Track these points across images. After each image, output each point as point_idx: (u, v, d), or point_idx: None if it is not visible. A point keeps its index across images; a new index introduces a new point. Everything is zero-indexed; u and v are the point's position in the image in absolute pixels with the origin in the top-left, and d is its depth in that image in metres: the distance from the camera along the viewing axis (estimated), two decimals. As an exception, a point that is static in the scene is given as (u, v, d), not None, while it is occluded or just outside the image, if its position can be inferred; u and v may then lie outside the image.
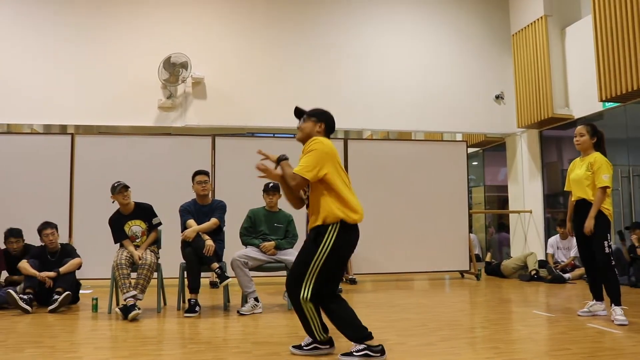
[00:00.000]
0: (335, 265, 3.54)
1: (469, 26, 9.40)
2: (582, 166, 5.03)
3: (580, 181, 4.98)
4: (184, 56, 8.09)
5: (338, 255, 3.51)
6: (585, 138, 5.05)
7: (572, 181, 5.10)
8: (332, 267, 3.51)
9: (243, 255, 5.50)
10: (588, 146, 5.05)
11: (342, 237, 3.50)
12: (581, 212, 4.96)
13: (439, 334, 4.35)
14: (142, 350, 3.83)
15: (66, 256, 5.86)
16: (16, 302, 5.38)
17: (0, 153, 7.50)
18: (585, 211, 4.88)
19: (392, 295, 6.69)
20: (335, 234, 3.47)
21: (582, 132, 5.08)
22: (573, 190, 5.10)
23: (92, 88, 8.15)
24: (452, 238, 8.40)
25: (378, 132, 12.14)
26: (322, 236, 3.48)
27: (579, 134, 5.09)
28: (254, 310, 5.33)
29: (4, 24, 8.05)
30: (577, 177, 5.03)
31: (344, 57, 8.90)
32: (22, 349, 3.91)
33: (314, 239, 3.51)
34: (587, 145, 5.05)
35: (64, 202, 7.49)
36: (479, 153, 11.78)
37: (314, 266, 3.47)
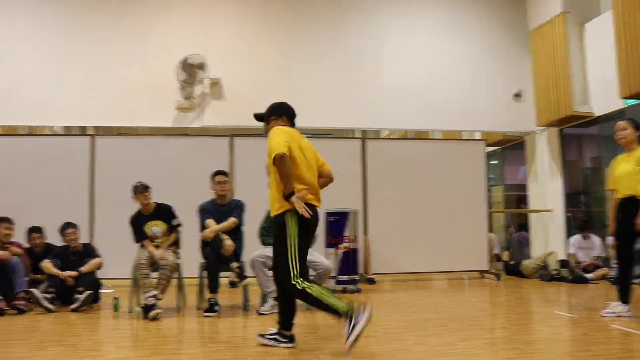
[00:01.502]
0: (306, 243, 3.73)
1: (487, 24, 9.33)
2: (629, 161, 4.83)
3: (629, 177, 4.77)
4: (201, 57, 8.14)
5: (306, 233, 3.70)
6: (628, 131, 4.84)
7: (618, 178, 4.89)
8: (304, 245, 3.69)
9: (262, 255, 5.51)
10: (632, 140, 4.85)
11: (302, 219, 3.63)
12: (628, 209, 4.74)
13: (458, 334, 4.32)
14: (162, 349, 3.85)
15: (87, 256, 5.92)
16: (39, 301, 5.45)
17: (22, 154, 7.60)
18: (634, 208, 4.65)
19: (411, 295, 6.66)
20: (295, 219, 3.62)
21: (624, 127, 4.87)
22: (619, 187, 4.90)
23: (111, 89, 8.22)
24: (471, 238, 8.33)
25: (395, 132, 12.09)
26: (285, 224, 3.64)
27: (621, 128, 4.89)
28: (273, 310, 5.33)
29: (26, 29, 8.15)
30: (624, 173, 4.82)
31: (360, 56, 8.88)
32: (45, 347, 3.96)
33: (279, 229, 3.67)
34: (631, 139, 4.85)
35: (84, 202, 7.57)
36: (498, 152, 11.68)
37: (291, 250, 3.61)
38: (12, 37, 8.11)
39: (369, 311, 3.54)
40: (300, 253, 3.63)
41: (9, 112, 7.98)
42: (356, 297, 6.49)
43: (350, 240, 6.97)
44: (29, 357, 3.68)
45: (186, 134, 8.71)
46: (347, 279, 6.88)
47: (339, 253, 6.92)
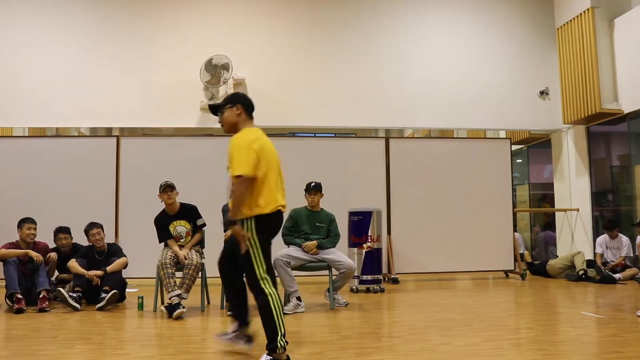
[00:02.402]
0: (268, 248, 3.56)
1: (512, 21, 9.22)
2: None
3: None
4: (225, 58, 8.18)
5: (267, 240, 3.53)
6: None
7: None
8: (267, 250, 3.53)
9: (285, 255, 5.52)
10: None
11: (261, 226, 3.47)
12: None
13: (483, 334, 4.27)
14: (186, 348, 3.88)
15: (113, 255, 5.99)
16: (66, 300, 5.53)
17: (49, 156, 7.72)
18: None
19: (435, 295, 6.61)
20: (254, 226, 3.44)
21: None
22: None
23: (136, 91, 8.31)
24: (496, 237, 8.25)
25: (419, 131, 12.03)
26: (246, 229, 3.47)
27: None
28: (296, 310, 5.35)
29: (53, 33, 8.28)
30: None
31: (384, 55, 8.84)
32: (72, 345, 4.01)
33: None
34: None
35: (110, 203, 7.66)
36: (523, 150, 11.54)
37: (255, 255, 3.45)
38: (40, 41, 8.24)
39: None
40: (265, 256, 3.49)
41: (38, 114, 8.11)
42: (379, 296, 6.46)
43: (373, 239, 6.94)
44: (58, 355, 3.73)
45: (210, 135, 8.77)
46: (370, 279, 6.86)
47: (362, 253, 6.90)
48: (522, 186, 11.95)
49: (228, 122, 3.63)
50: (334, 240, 5.83)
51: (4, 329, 4.77)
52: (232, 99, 3.66)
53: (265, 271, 3.45)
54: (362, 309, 5.56)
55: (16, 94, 8.06)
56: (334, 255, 5.68)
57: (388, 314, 5.42)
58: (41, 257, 5.85)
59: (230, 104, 3.62)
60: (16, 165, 7.64)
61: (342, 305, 5.72)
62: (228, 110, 3.62)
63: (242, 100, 3.66)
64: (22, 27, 8.22)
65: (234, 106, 3.61)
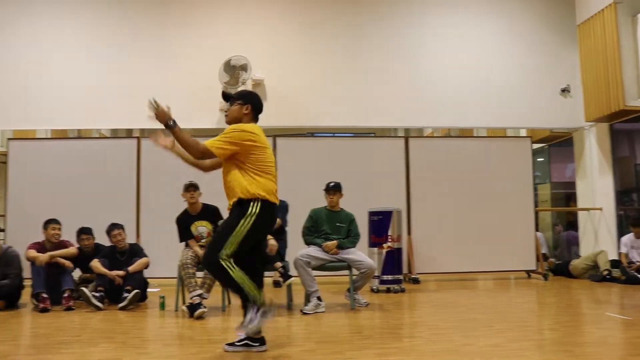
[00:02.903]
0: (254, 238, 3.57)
1: (532, 18, 9.11)
2: None
3: None
4: (244, 58, 8.20)
5: (259, 229, 3.56)
6: None
7: None
8: (252, 239, 3.54)
9: (305, 255, 5.52)
10: None
11: (263, 213, 3.53)
12: None
13: (506, 335, 4.23)
14: (208, 348, 3.89)
15: (134, 255, 6.05)
16: (89, 300, 5.60)
17: (71, 157, 7.82)
18: None
19: (457, 295, 6.56)
20: (258, 209, 3.51)
21: None
22: None
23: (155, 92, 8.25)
24: (518, 236, 8.17)
25: (439, 130, 11.95)
26: (246, 209, 3.51)
27: None
28: (317, 310, 5.34)
29: (74, 36, 8.36)
30: None
31: (403, 53, 8.79)
32: (96, 344, 4.06)
33: (238, 213, 3.53)
34: None
35: (131, 203, 7.73)
36: (545, 149, 11.41)
37: (237, 234, 3.47)
38: (62, 45, 8.33)
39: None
40: (243, 244, 3.49)
41: (59, 116, 8.19)
42: (400, 296, 6.43)
43: (393, 239, 6.91)
44: (82, 353, 3.77)
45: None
46: (391, 279, 6.83)
47: (383, 252, 6.88)
48: (543, 185, 11.82)
49: (233, 117, 3.73)
50: (354, 240, 5.82)
51: (30, 327, 4.84)
52: (245, 97, 3.75)
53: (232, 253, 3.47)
54: (382, 309, 5.54)
55: (39, 97, 8.15)
56: (354, 255, 5.67)
57: (409, 314, 5.39)
58: (71, 265, 6.00)
59: (242, 102, 3.71)
60: (40, 166, 7.75)
61: (363, 305, 5.70)
62: (237, 106, 3.71)
63: (253, 102, 3.74)
64: (45, 33, 8.31)
65: (244, 104, 3.70)
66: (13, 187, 7.71)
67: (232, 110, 3.74)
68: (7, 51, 8.22)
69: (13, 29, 8.26)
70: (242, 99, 3.72)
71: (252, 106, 3.70)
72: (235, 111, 3.72)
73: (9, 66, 8.18)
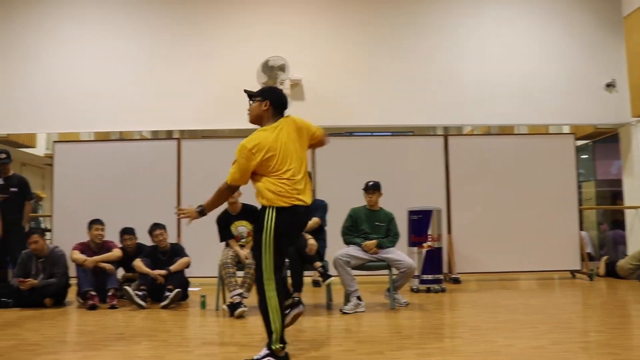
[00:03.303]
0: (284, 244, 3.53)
1: (574, 10, 8.87)
2: None
3: None
4: (282, 59, 8.24)
5: (283, 234, 3.48)
6: None
7: None
8: (282, 246, 3.51)
9: (345, 254, 5.52)
10: None
11: (280, 217, 3.46)
12: None
13: (549, 336, 4.14)
14: (248, 347, 3.93)
15: (176, 255, 6.14)
16: (132, 298, 5.72)
17: (114, 158, 7.99)
18: None
19: (498, 295, 6.45)
20: (274, 216, 3.46)
21: None
22: None
23: (195, 94, 8.47)
24: (561, 236, 7.98)
25: (479, 127, 11.79)
26: (262, 218, 3.49)
27: None
28: (356, 309, 5.33)
29: (115, 39, 8.53)
30: None
31: (441, 51, 8.68)
32: (139, 342, 4.14)
33: (258, 224, 3.53)
34: None
35: (172, 203, 7.84)
36: (589, 145, 11.13)
37: (267, 251, 3.45)
38: (104, 49, 8.50)
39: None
40: (276, 255, 3.46)
41: (102, 119, 8.37)
42: (440, 296, 6.36)
43: (433, 239, 6.85)
44: (126, 351, 3.85)
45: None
46: (431, 279, 6.77)
47: (423, 252, 6.82)
48: (588, 183, 11.54)
49: (254, 114, 3.70)
50: (394, 239, 5.78)
51: (76, 324, 4.97)
52: (264, 93, 3.70)
53: (273, 269, 3.45)
54: (422, 309, 5.49)
55: (82, 100, 8.34)
56: (393, 255, 5.63)
57: (450, 314, 5.33)
58: (113, 268, 6.14)
59: (261, 98, 3.66)
60: (83, 168, 7.94)
61: (403, 305, 5.66)
62: (257, 103, 3.67)
63: (272, 97, 3.67)
64: (88, 41, 8.50)
65: (263, 101, 3.64)
66: (58, 189, 7.93)
67: (252, 108, 3.70)
68: (54, 60, 8.44)
69: (59, 40, 8.47)
70: (261, 96, 3.68)
71: (270, 102, 3.63)
72: (255, 108, 3.69)
73: (54, 74, 8.40)
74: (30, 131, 9.47)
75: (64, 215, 7.83)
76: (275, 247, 3.45)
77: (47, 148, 11.99)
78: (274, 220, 3.45)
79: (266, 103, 3.63)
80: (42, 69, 8.42)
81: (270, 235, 3.44)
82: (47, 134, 11.48)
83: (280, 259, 3.52)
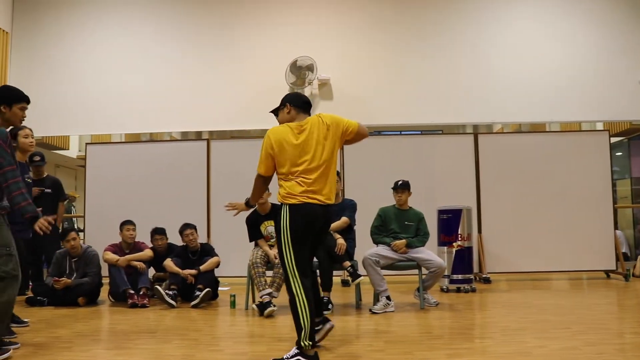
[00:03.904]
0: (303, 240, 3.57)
1: (607, 4, 8.69)
2: None
3: None
4: (310, 59, 8.25)
5: (300, 230, 3.55)
6: None
7: None
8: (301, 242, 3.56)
9: (374, 254, 5.50)
10: None
11: (292, 215, 3.54)
12: None
13: (583, 337, 4.05)
14: (278, 346, 3.94)
15: (206, 255, 6.20)
16: (163, 297, 5.79)
17: (144, 159, 8.10)
18: None
19: (529, 295, 6.36)
20: (287, 212, 3.55)
21: None
22: None
23: (224, 95, 8.53)
24: (595, 235, 7.82)
25: (509, 125, 11.63)
26: (279, 217, 3.60)
27: None
28: (386, 309, 5.30)
29: (144, 42, 8.65)
30: None
31: (469, 48, 8.58)
32: (169, 340, 4.18)
33: (276, 221, 3.64)
34: None
35: (202, 204, 7.93)
36: (624, 142, 10.90)
37: (287, 249, 3.55)
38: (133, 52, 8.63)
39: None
40: (296, 250, 3.54)
41: (132, 120, 8.50)
42: (470, 296, 6.29)
43: (463, 238, 6.78)
44: (157, 349, 3.90)
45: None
46: (461, 278, 6.70)
47: (453, 251, 6.76)
48: (623, 181, 11.30)
49: (283, 122, 3.80)
50: (423, 239, 5.74)
51: (108, 323, 5.05)
52: (282, 101, 3.84)
53: (295, 267, 3.53)
54: (452, 309, 5.44)
55: (112, 102, 8.48)
56: (423, 254, 5.59)
57: (480, 315, 5.27)
58: (145, 267, 6.23)
59: (282, 106, 3.83)
60: (114, 169, 8.07)
61: (433, 304, 5.62)
62: (281, 112, 3.84)
63: (289, 99, 3.82)
64: (118, 41, 8.64)
65: (283, 107, 3.81)
66: (90, 189, 8.07)
67: (280, 120, 3.86)
68: (85, 64, 8.61)
69: (90, 44, 8.64)
70: (282, 104, 3.84)
71: (290, 103, 3.78)
72: (282, 118, 3.83)
73: (87, 77, 8.57)
74: (63, 133, 9.69)
75: (96, 215, 7.97)
76: (294, 245, 3.54)
77: (79, 150, 12.24)
78: (287, 218, 3.55)
79: (287, 105, 3.78)
80: (74, 73, 8.59)
81: (286, 233, 3.54)
82: (80, 136, 11.73)
83: (301, 256, 3.56)
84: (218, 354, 3.79)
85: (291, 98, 3.82)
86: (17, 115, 3.83)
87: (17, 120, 3.87)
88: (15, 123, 3.88)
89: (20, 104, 3.84)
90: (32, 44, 8.66)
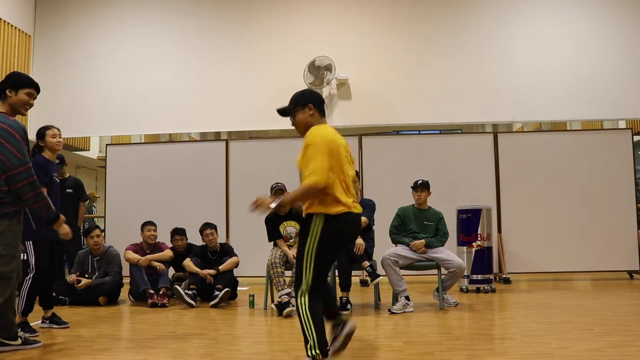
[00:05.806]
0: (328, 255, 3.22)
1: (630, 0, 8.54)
2: None
3: None
4: (328, 59, 8.24)
5: (328, 244, 3.18)
6: None
7: None
8: (325, 257, 3.20)
9: (393, 254, 5.47)
10: None
11: (328, 226, 3.17)
12: None
13: (606, 339, 3.99)
14: (296, 346, 3.93)
15: (225, 255, 6.22)
16: (182, 297, 5.82)
17: (164, 160, 8.16)
18: None
19: (550, 295, 6.28)
20: (322, 224, 3.17)
21: None
22: None
23: (242, 95, 8.55)
24: (618, 235, 7.71)
25: (529, 124, 11.51)
26: (309, 225, 3.22)
27: None
28: (405, 309, 5.28)
29: (163, 43, 8.69)
30: None
31: (489, 46, 8.49)
32: (189, 340, 4.20)
33: (304, 229, 3.27)
34: None
35: (221, 204, 7.96)
36: (647, 141, 10.71)
37: (308, 257, 3.16)
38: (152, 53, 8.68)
39: None
40: (318, 257, 3.16)
41: (151, 121, 8.55)
42: (490, 297, 6.24)
43: (483, 238, 6.72)
44: (177, 348, 3.92)
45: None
46: (480, 279, 6.65)
47: (472, 251, 6.70)
48: (646, 180, 11.10)
49: (303, 125, 3.42)
50: (443, 238, 5.70)
51: (129, 322, 5.09)
52: (300, 100, 3.43)
53: (312, 279, 3.17)
54: (472, 310, 5.40)
55: (132, 104, 8.53)
56: (442, 254, 5.55)
57: (500, 315, 5.22)
58: (164, 268, 6.29)
59: (301, 106, 3.42)
60: (135, 170, 8.14)
61: (452, 305, 5.58)
62: (300, 113, 3.42)
63: (312, 99, 3.42)
64: (137, 43, 8.70)
65: (305, 107, 3.40)
66: (111, 190, 8.15)
67: (298, 120, 3.44)
68: (105, 65, 8.66)
69: (110, 46, 8.69)
70: (299, 103, 3.43)
71: (313, 104, 3.40)
72: (301, 119, 3.42)
73: (107, 79, 8.62)
74: (83, 135, 9.80)
75: (116, 215, 8.06)
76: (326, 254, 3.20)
77: (100, 151, 12.37)
78: (328, 227, 3.18)
79: (310, 107, 3.39)
80: (95, 75, 8.66)
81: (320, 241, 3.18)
82: (100, 137, 11.84)
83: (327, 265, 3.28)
84: (237, 354, 3.80)
85: (313, 98, 3.43)
86: (22, 100, 3.71)
87: (22, 106, 3.73)
88: (20, 109, 3.74)
89: (26, 89, 3.73)
90: (54, 46, 8.76)
